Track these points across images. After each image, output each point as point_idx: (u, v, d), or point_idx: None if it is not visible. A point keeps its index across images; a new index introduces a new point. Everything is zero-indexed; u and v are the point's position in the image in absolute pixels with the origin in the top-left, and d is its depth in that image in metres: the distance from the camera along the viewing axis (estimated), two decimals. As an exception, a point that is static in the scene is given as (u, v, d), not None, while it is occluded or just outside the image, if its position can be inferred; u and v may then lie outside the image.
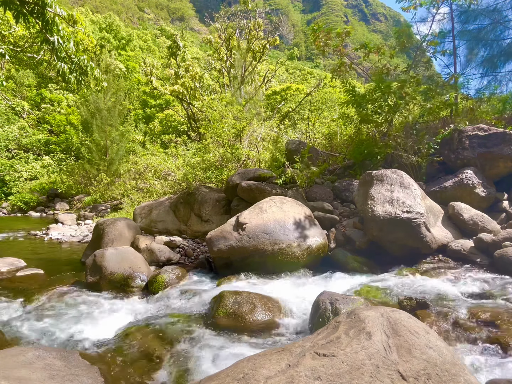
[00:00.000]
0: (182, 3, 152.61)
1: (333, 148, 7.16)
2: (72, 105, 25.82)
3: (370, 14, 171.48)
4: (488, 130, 4.64)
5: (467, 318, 2.40)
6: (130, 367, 2.17)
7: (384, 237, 3.78)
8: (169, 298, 3.40)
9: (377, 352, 1.46)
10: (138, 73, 34.74)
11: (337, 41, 5.79)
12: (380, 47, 5.67)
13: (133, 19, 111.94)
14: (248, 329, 2.64)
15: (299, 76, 40.51)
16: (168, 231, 6.60)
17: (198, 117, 18.59)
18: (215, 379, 1.51)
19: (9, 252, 5.72)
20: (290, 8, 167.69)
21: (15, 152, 21.06)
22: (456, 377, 1.37)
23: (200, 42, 67.73)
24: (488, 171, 4.58)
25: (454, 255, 3.69)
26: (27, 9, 4.73)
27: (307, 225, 4.10)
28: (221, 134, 8.30)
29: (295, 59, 34.83)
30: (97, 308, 3.18)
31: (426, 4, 5.59)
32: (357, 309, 1.81)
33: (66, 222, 10.31)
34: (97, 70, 5.96)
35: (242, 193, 5.60)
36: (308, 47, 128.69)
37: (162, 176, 9.09)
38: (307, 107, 17.18)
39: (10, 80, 26.21)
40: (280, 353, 1.57)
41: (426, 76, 6.11)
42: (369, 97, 5.49)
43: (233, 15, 21.65)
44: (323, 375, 1.36)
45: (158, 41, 58.48)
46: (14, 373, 1.68)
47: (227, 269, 4.00)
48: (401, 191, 3.85)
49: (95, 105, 16.80)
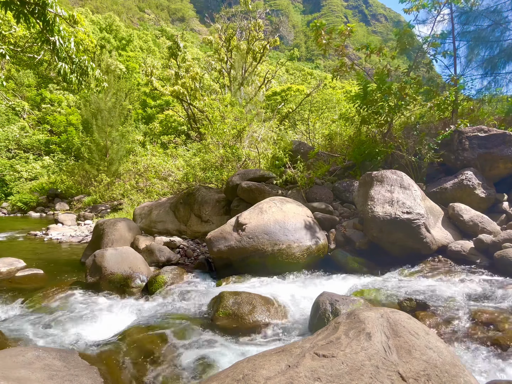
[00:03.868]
0: (183, 4, 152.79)
1: (333, 149, 7.16)
2: (73, 106, 25.85)
3: (370, 15, 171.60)
4: (488, 131, 4.64)
5: (467, 319, 2.39)
6: (130, 367, 2.17)
7: (384, 238, 3.78)
8: (169, 298, 3.40)
9: (377, 353, 1.46)
10: (138, 74, 34.79)
11: (339, 40, 5.77)
12: (381, 47, 5.66)
13: (134, 20, 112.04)
14: (247, 330, 2.64)
15: (299, 77, 40.58)
16: (168, 232, 6.60)
17: (198, 117, 18.61)
18: (214, 380, 1.51)
19: (9, 252, 5.71)
20: (290, 9, 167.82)
21: (15, 152, 21.08)
22: (456, 378, 1.36)
23: (201, 42, 67.79)
24: (488, 172, 4.58)
25: (454, 256, 3.69)
26: (27, 9, 4.74)
27: (307, 226, 4.10)
28: (222, 135, 8.31)
29: (295, 60, 34.84)
30: (96, 309, 3.18)
31: (428, 6, 5.58)
32: (357, 310, 1.81)
33: (66, 222, 10.31)
34: (97, 70, 5.97)
35: (242, 193, 5.60)
36: (308, 47, 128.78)
37: (162, 177, 9.09)
38: (307, 108, 17.19)
39: (10, 80, 26.22)
40: (280, 354, 1.57)
41: (427, 77, 6.12)
42: (371, 97, 5.49)
43: (234, 16, 21.69)
44: (323, 376, 1.36)
45: (158, 41, 58.51)
46: (14, 373, 1.67)
47: (227, 270, 4.00)
48: (401, 192, 3.85)
49: (96, 105, 16.82)
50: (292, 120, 18.58)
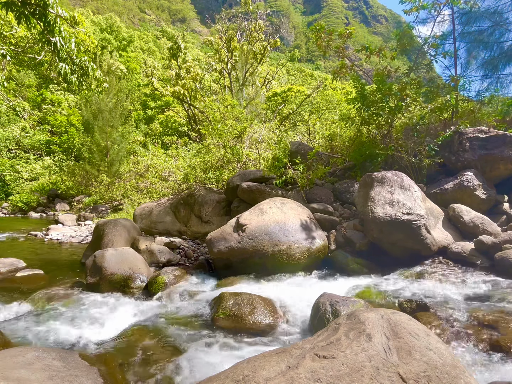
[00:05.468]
0: (183, 5, 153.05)
1: (334, 150, 7.16)
2: (73, 106, 25.89)
3: (371, 16, 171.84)
4: (488, 132, 4.64)
5: (467, 320, 2.39)
6: (130, 368, 2.17)
7: (384, 239, 3.77)
8: (169, 299, 3.40)
9: (377, 354, 1.46)
10: (139, 74, 34.84)
11: (339, 42, 5.79)
12: (381, 48, 5.67)
13: (134, 21, 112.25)
14: (248, 331, 2.64)
15: (300, 78, 40.61)
16: (168, 232, 6.60)
17: (198, 118, 18.63)
18: (214, 381, 1.51)
19: (9, 253, 5.71)
20: (291, 10, 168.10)
21: (16, 152, 21.11)
22: (456, 379, 1.36)
23: (201, 43, 67.87)
24: (489, 173, 4.58)
25: (455, 257, 3.68)
26: (28, 10, 4.75)
27: (308, 227, 4.09)
28: (222, 135, 8.31)
29: (295, 60, 34.91)
30: (96, 309, 3.18)
31: (428, 7, 5.59)
32: (357, 311, 1.81)
33: (66, 222, 10.31)
34: (98, 71, 5.98)
35: (242, 194, 5.60)
36: (308, 48, 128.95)
37: (162, 177, 9.09)
38: (307, 109, 17.20)
39: (11, 81, 26.30)
40: (280, 355, 1.57)
41: (427, 78, 6.12)
42: (371, 98, 5.49)
43: (234, 16, 21.73)
44: (323, 377, 1.36)
45: (159, 42, 58.59)
46: (13, 373, 1.67)
47: (227, 270, 4.00)
48: (402, 193, 3.85)
49: (97, 106, 16.84)
50: (293, 121, 18.60)
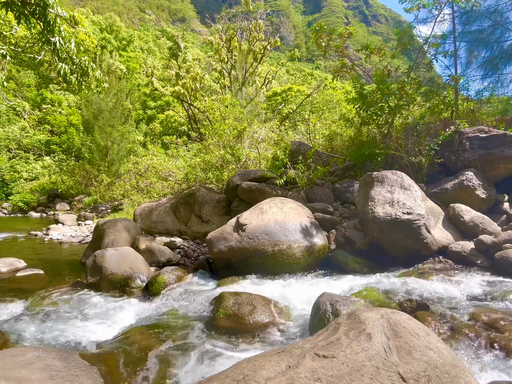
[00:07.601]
0: (183, 4, 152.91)
1: (334, 149, 7.16)
2: (73, 106, 25.88)
3: (371, 16, 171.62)
4: (488, 131, 4.64)
5: (467, 320, 2.39)
6: (130, 368, 2.17)
7: (384, 239, 3.77)
8: (169, 298, 3.40)
9: (377, 353, 1.46)
10: (139, 74, 34.83)
11: (339, 42, 5.79)
12: (381, 47, 5.67)
13: (134, 20, 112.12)
14: (248, 330, 2.64)
15: (300, 78, 40.58)
16: (169, 232, 6.60)
17: (198, 118, 18.63)
18: (215, 380, 1.51)
19: (9, 252, 5.72)
20: (291, 10, 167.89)
21: (16, 152, 21.11)
22: (456, 379, 1.36)
23: (201, 43, 67.83)
24: (489, 172, 4.58)
25: (455, 256, 3.68)
26: (28, 10, 4.75)
27: (308, 226, 4.09)
28: (222, 135, 8.31)
29: (295, 60, 34.89)
30: (97, 309, 3.18)
31: (429, 6, 5.59)
32: (357, 311, 1.81)
33: (66, 222, 10.31)
34: (98, 71, 5.97)
35: (242, 194, 5.60)
36: (308, 48, 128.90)
37: (162, 177, 9.09)
38: (307, 109, 17.20)
39: (11, 81, 26.29)
40: (280, 354, 1.57)
41: (427, 77, 6.12)
42: (371, 98, 5.49)
43: (234, 16, 21.74)
44: (323, 377, 1.36)
45: (159, 42, 58.60)
46: (14, 373, 1.67)
47: (227, 270, 4.00)
48: (402, 192, 3.85)
49: (97, 105, 16.84)
50: (293, 120, 18.59)
